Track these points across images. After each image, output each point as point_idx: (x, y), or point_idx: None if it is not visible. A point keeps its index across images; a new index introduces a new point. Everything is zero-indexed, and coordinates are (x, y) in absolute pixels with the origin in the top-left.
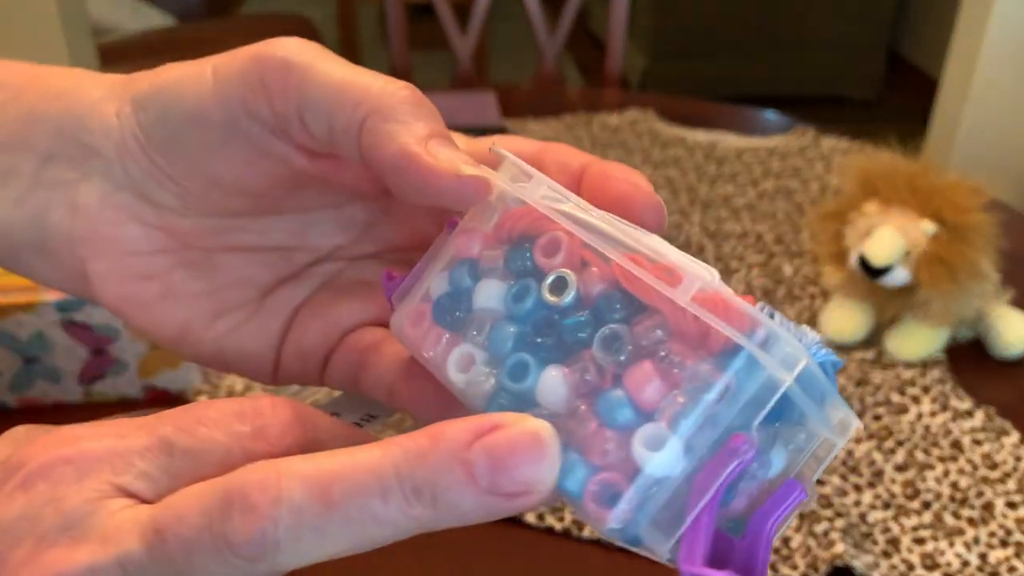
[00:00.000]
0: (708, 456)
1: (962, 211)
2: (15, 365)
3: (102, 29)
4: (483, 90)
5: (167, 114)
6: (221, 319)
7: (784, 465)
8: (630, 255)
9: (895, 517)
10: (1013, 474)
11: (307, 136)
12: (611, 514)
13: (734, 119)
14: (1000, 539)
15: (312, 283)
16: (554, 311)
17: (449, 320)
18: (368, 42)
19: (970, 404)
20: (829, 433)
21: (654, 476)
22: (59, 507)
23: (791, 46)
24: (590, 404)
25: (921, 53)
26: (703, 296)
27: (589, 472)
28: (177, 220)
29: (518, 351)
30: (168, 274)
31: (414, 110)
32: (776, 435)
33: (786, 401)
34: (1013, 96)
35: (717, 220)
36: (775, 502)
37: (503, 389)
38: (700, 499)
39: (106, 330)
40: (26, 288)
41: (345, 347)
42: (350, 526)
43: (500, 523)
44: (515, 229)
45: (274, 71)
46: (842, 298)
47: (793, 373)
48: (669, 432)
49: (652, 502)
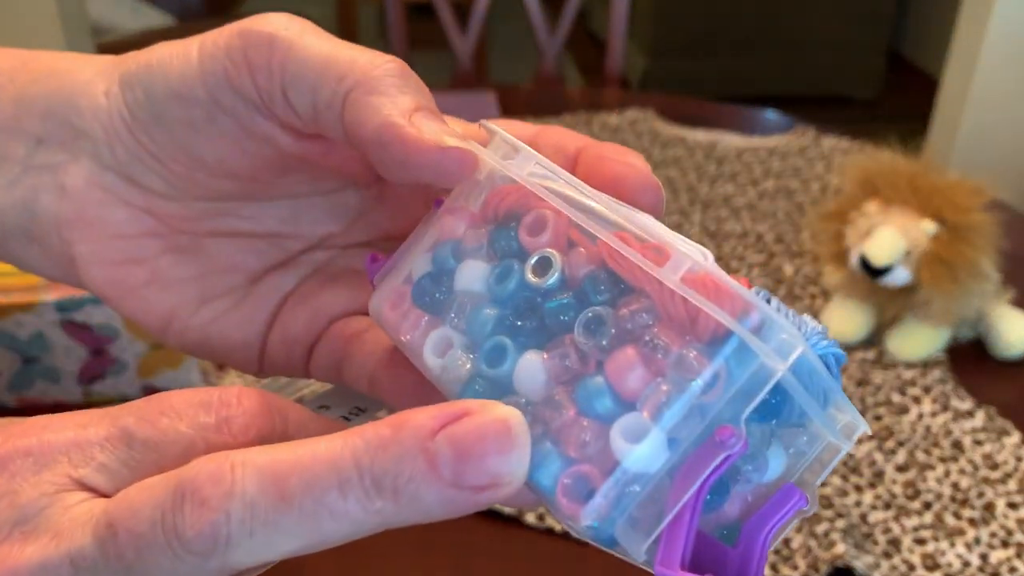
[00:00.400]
0: (693, 450)
1: (963, 211)
2: (14, 365)
3: (101, 28)
4: (483, 90)
5: (152, 92)
6: (208, 306)
7: (783, 469)
8: (618, 233)
9: (896, 517)
10: (1014, 474)
11: (292, 114)
12: (584, 510)
13: (734, 119)
14: (1001, 539)
15: (301, 271)
16: (537, 293)
17: (428, 302)
18: (368, 42)
19: (971, 404)
20: (833, 436)
21: (633, 470)
22: (14, 500)
23: (791, 46)
24: (569, 392)
25: (922, 53)
26: (693, 277)
27: (563, 465)
28: (164, 203)
29: (497, 335)
30: (155, 258)
31: (400, 83)
32: (773, 435)
33: (783, 396)
34: (1014, 96)
35: (717, 220)
36: (772, 508)
37: (479, 375)
38: (682, 496)
39: (106, 330)
40: (26, 288)
41: (330, 336)
42: (305, 520)
43: (500, 523)
44: (501, 207)
45: (258, 46)
46: (843, 298)
47: (788, 362)
48: (651, 423)
49: (630, 498)
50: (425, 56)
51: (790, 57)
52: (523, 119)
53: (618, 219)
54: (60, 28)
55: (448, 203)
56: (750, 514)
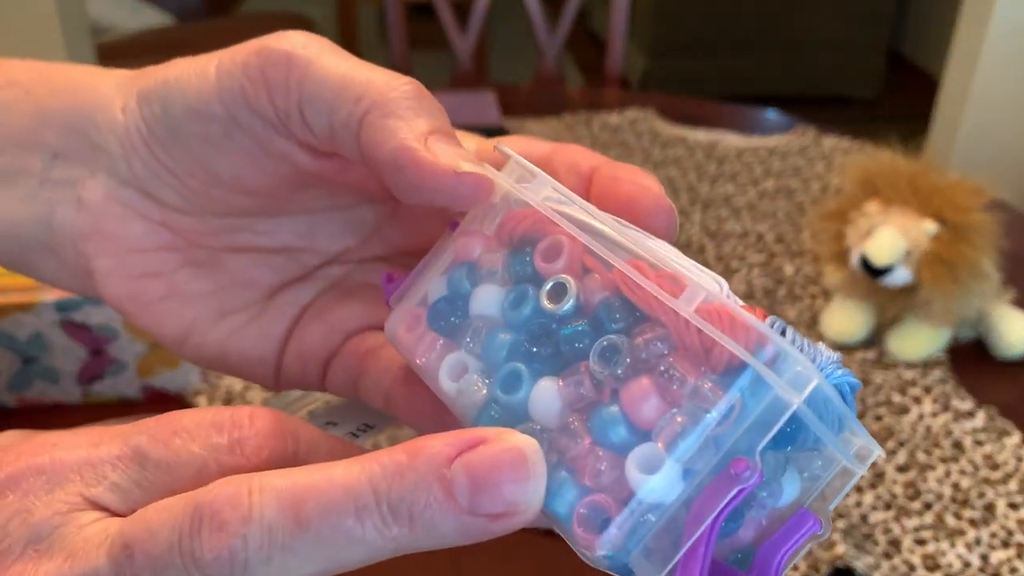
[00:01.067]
0: (708, 481)
1: (963, 211)
2: (14, 365)
3: (101, 28)
4: (483, 90)
5: (169, 108)
6: (225, 320)
7: (797, 493)
8: (633, 261)
9: (896, 518)
10: (1015, 475)
11: (309, 133)
12: (600, 540)
13: (734, 119)
14: (1002, 540)
15: (318, 285)
16: (552, 319)
17: (444, 326)
18: (368, 41)
19: (971, 404)
20: (847, 461)
21: (648, 501)
22: (27, 519)
23: (791, 46)
24: (584, 420)
25: (922, 53)
26: (708, 308)
27: (579, 494)
28: (182, 218)
29: (512, 360)
30: (172, 273)
31: (416, 105)
32: (788, 461)
33: (798, 425)
34: (1014, 96)
35: (718, 220)
36: (786, 533)
37: (494, 400)
38: (697, 528)
39: (105, 330)
40: (25, 288)
41: (346, 351)
42: (322, 546)
43: None
44: (516, 232)
45: (276, 65)
46: (843, 298)
47: (803, 394)
48: (666, 454)
49: (645, 529)
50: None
51: (790, 57)
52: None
53: (633, 247)
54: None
55: (463, 226)
56: (764, 538)
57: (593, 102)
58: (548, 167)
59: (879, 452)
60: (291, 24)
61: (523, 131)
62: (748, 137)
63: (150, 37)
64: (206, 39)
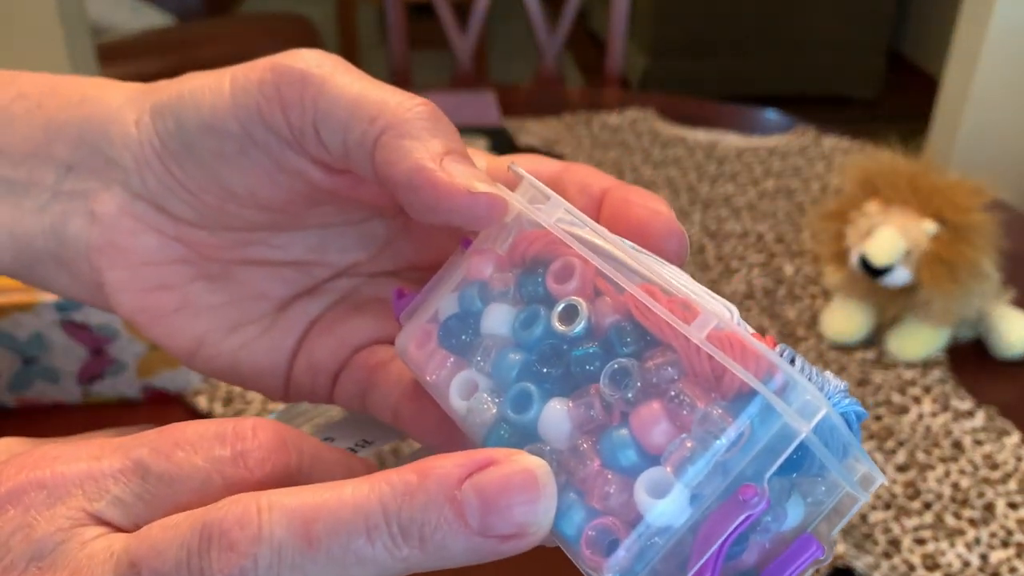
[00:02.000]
0: (715, 506)
1: (963, 211)
2: (14, 365)
3: (101, 28)
4: (483, 90)
5: (183, 124)
6: (236, 332)
7: (801, 518)
8: (645, 286)
9: (896, 517)
10: (1014, 474)
11: (323, 150)
12: (608, 563)
13: (734, 119)
14: (1001, 540)
15: (328, 298)
16: (563, 341)
17: (455, 343)
18: (367, 41)
19: (971, 404)
20: (851, 487)
21: (656, 525)
22: (29, 535)
23: (791, 46)
24: (593, 442)
25: (922, 53)
26: (719, 335)
27: (587, 516)
28: (195, 232)
29: (523, 380)
30: (185, 286)
31: (430, 126)
32: (793, 486)
33: (805, 452)
34: (1014, 96)
35: (718, 220)
36: (789, 557)
37: (504, 420)
38: (704, 552)
39: (105, 330)
40: (25, 288)
41: (354, 364)
42: (332, 566)
43: None
44: (528, 252)
45: (290, 83)
46: (843, 298)
47: (811, 423)
48: (675, 479)
49: (652, 552)
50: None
51: (790, 57)
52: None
53: (645, 271)
54: (60, 27)
55: (476, 244)
56: (767, 562)
57: (593, 102)
58: (558, 186)
59: (883, 480)
60: (291, 24)
61: (523, 131)
62: (748, 137)
63: (150, 37)
64: (206, 39)
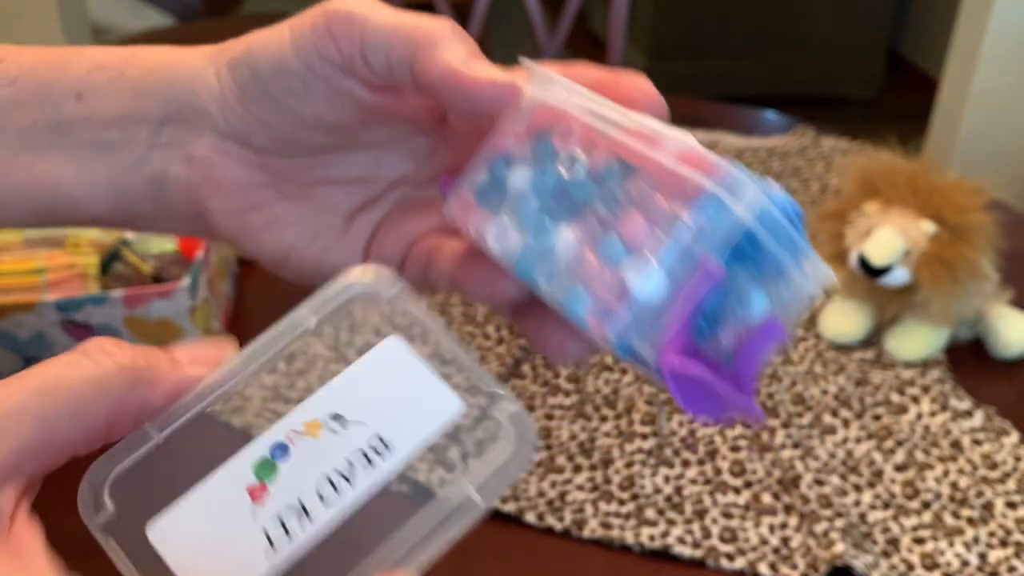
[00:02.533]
0: (686, 282)
1: (962, 211)
2: (14, 365)
3: (101, 29)
4: None
5: (256, 70)
6: (317, 240)
7: (764, 308)
8: (626, 130)
9: (895, 517)
10: (1013, 474)
11: (370, 72)
12: (608, 328)
13: (734, 119)
14: (1000, 539)
15: (387, 205)
16: (568, 183)
17: (488, 200)
18: None
19: (970, 404)
20: (804, 281)
21: (642, 298)
22: None
23: (791, 46)
24: (593, 248)
25: (921, 53)
26: (683, 153)
27: (593, 299)
28: (274, 160)
29: (541, 216)
30: (271, 206)
31: (454, 37)
32: (754, 280)
33: (758, 247)
34: (1013, 96)
35: None
36: (757, 337)
37: (528, 247)
38: (681, 313)
39: (105, 330)
40: (26, 288)
41: (415, 252)
42: None
43: (500, 523)
44: (539, 125)
45: (339, 21)
46: (842, 298)
47: (755, 213)
48: (653, 261)
49: (641, 317)
50: None
51: (790, 57)
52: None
53: (625, 120)
54: (60, 28)
55: (499, 125)
56: (742, 344)
57: None
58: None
59: (832, 277)
60: None
61: None
62: (748, 137)
63: (150, 38)
64: (206, 40)
